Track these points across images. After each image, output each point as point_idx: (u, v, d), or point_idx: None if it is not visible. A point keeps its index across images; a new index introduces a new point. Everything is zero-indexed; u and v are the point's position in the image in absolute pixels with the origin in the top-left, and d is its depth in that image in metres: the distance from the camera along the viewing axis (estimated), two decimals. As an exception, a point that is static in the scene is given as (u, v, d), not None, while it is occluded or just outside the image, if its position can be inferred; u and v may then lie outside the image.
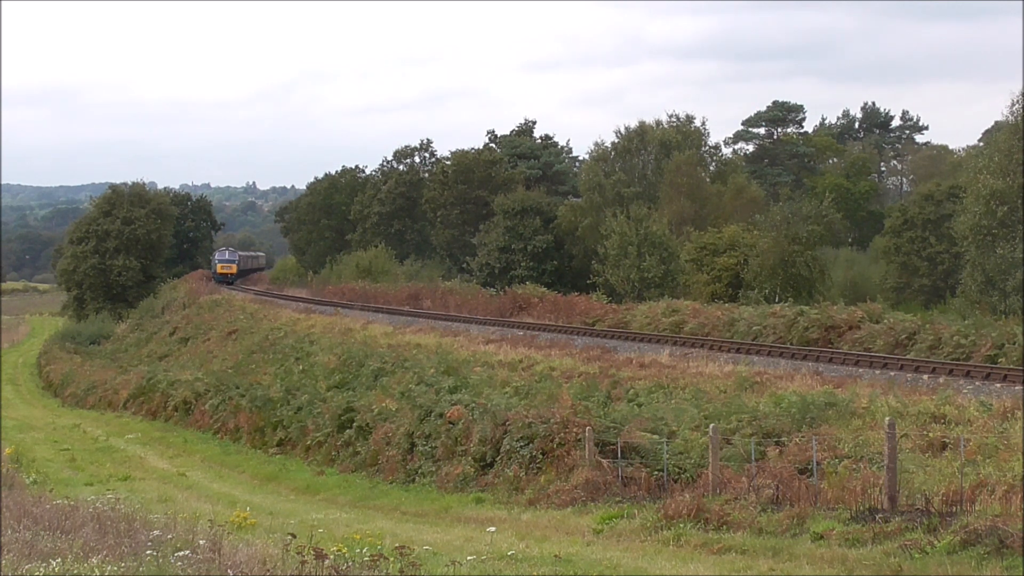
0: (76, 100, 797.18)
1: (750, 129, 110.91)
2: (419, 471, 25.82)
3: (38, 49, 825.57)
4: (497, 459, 23.26)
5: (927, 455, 18.86)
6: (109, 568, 9.65)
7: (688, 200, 75.56)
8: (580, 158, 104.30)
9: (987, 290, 50.96)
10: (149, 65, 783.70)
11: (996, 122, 73.68)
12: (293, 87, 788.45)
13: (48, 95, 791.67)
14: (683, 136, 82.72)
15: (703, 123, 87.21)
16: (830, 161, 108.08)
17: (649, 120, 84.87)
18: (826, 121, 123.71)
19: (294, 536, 11.42)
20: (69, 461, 32.59)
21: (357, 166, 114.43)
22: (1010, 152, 51.39)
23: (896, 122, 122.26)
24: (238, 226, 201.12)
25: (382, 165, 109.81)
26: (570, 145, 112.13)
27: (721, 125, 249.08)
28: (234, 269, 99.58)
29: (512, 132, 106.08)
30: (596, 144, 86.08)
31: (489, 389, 29.44)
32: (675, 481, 19.63)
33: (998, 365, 28.22)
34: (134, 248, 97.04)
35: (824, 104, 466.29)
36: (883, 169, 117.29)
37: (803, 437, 20.14)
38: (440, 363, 35.86)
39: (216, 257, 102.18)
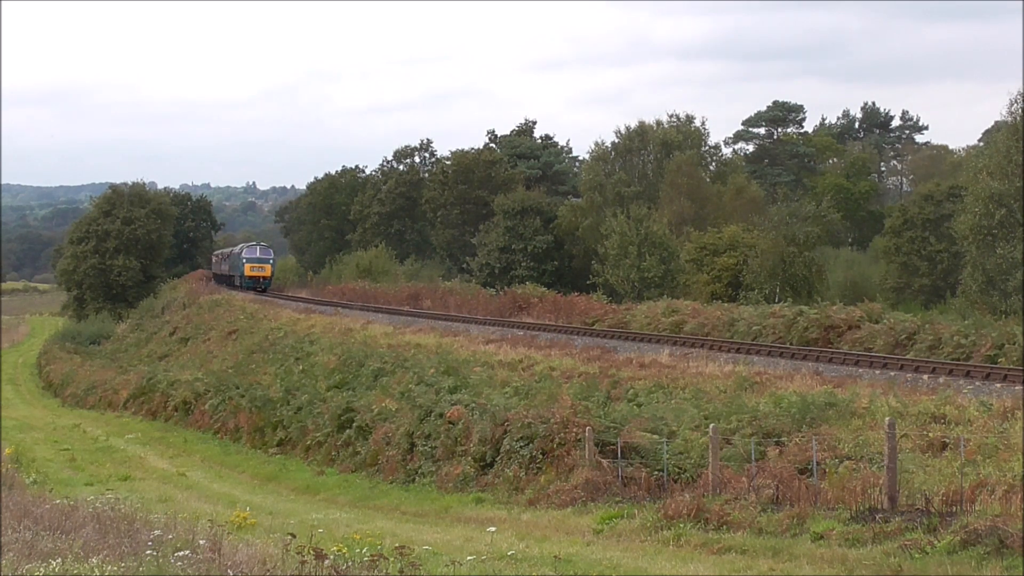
0: (79, 101, 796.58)
1: (750, 129, 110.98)
2: (419, 471, 25.83)
3: (40, 50, 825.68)
4: (497, 459, 23.27)
5: (927, 455, 18.85)
6: (109, 568, 9.65)
7: (688, 200, 75.61)
8: (580, 158, 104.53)
9: (987, 290, 50.96)
10: (154, 65, 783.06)
11: (996, 122, 73.74)
12: (298, 87, 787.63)
13: (50, 96, 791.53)
14: (683, 136, 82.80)
15: (703, 123, 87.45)
16: (830, 161, 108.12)
17: (649, 120, 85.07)
18: (826, 121, 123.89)
19: (294, 536, 11.42)
20: (69, 461, 32.60)
21: (357, 166, 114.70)
22: (1008, 153, 51.44)
23: (896, 122, 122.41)
24: (238, 226, 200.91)
25: (382, 165, 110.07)
26: (570, 145, 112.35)
27: (726, 125, 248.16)
28: (268, 271, 79.96)
29: (512, 132, 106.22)
30: (596, 144, 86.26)
31: (489, 389, 29.42)
32: (675, 481, 19.63)
33: (998, 365, 28.20)
34: (134, 248, 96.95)
35: (829, 104, 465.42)
36: (883, 169, 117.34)
37: (803, 437, 20.14)
38: (440, 363, 35.83)
39: (244, 255, 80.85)
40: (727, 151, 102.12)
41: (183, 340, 67.02)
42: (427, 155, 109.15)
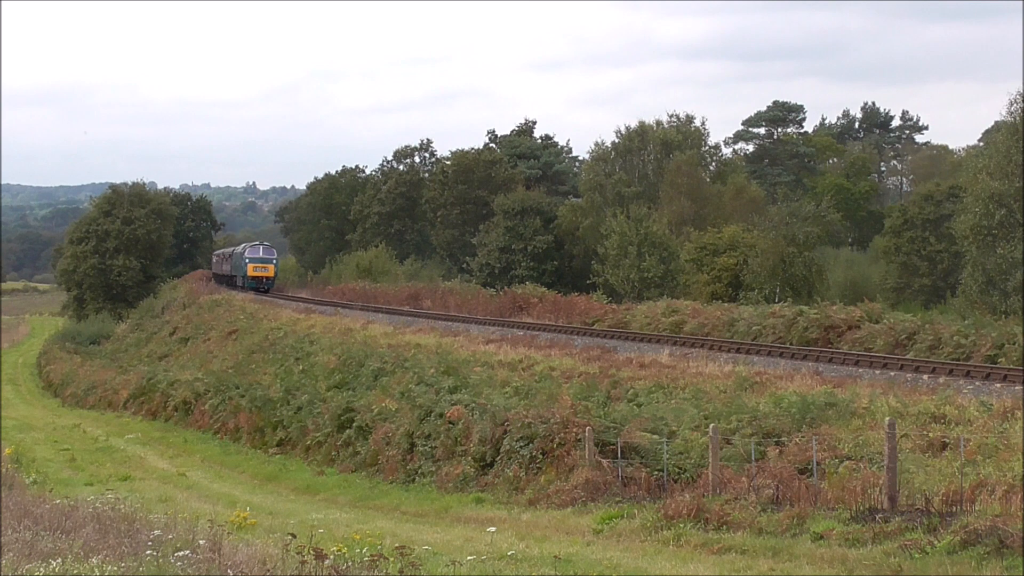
0: (79, 101, 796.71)
1: (750, 129, 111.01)
2: (419, 471, 25.82)
3: (40, 50, 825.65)
4: (497, 459, 23.26)
5: (927, 455, 18.84)
6: (109, 568, 9.66)
7: (688, 200, 75.66)
8: (580, 158, 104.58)
9: (987, 290, 50.98)
10: (154, 65, 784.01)
11: (996, 122, 73.76)
12: (299, 87, 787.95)
13: (50, 96, 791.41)
14: (683, 136, 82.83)
15: (703, 123, 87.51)
16: (830, 161, 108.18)
17: (649, 120, 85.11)
18: (826, 121, 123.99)
19: (294, 536, 11.43)
20: (69, 461, 32.59)
21: (357, 166, 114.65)
22: (1008, 153, 51.46)
23: (896, 122, 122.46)
24: (238, 226, 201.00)
25: (382, 165, 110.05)
26: (570, 145, 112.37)
27: (726, 125, 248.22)
28: (271, 271, 78.09)
29: (512, 132, 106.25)
30: (596, 144, 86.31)
31: (489, 389, 29.41)
32: (675, 481, 19.62)
33: (998, 365, 28.20)
34: (134, 248, 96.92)
35: (829, 104, 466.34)
36: (883, 169, 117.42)
37: (803, 437, 20.12)
38: (440, 363, 35.82)
39: (247, 255, 79.09)
40: (727, 151, 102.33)
41: (183, 340, 67.00)
42: (427, 155, 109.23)
